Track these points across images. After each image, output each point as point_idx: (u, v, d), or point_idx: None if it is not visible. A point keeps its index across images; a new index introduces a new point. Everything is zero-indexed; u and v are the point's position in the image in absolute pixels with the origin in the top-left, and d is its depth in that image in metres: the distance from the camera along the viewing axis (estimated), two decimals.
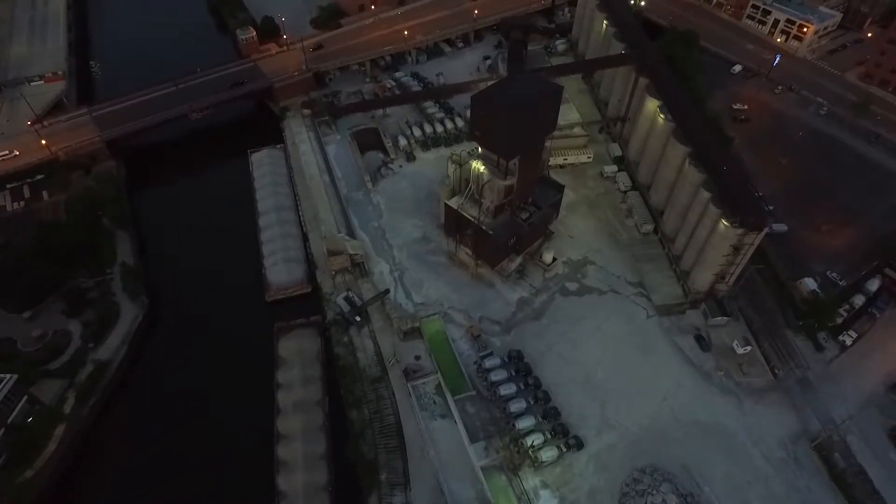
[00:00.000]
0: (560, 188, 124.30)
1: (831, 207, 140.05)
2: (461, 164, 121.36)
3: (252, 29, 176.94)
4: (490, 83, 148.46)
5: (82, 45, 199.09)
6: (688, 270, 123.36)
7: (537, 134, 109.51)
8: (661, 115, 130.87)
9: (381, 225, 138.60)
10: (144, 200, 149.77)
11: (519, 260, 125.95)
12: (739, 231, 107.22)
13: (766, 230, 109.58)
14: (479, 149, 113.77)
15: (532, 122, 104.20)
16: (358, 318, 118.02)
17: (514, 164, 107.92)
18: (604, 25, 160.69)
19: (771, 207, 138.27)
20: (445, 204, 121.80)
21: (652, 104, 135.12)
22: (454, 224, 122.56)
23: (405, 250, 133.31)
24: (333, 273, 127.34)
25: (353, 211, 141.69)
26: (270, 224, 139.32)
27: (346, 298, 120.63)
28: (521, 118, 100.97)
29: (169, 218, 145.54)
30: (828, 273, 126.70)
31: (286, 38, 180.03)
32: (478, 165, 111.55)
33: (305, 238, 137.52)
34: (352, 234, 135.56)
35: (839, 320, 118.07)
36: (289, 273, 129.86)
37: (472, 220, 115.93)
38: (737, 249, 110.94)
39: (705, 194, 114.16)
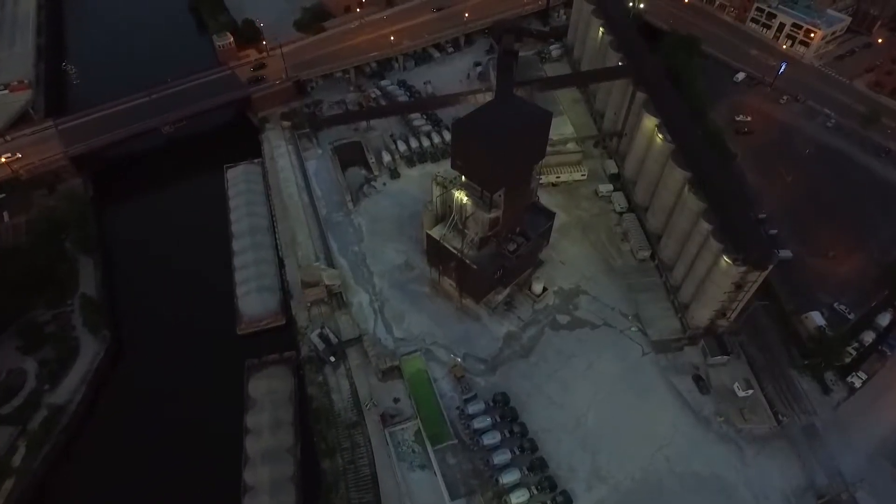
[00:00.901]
0: (550, 215, 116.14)
1: (839, 229, 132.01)
2: (446, 186, 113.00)
3: (229, 35, 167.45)
4: (479, 95, 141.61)
5: (54, 50, 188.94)
6: (686, 303, 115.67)
7: (524, 163, 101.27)
8: (660, 135, 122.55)
9: (362, 250, 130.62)
10: (113, 220, 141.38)
11: (506, 291, 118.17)
12: (742, 269, 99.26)
13: (770, 268, 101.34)
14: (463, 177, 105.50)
15: (518, 152, 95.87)
16: (332, 359, 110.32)
17: (500, 195, 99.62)
18: (600, 33, 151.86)
19: (774, 231, 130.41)
20: (427, 234, 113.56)
21: (650, 122, 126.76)
22: (436, 254, 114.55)
23: (386, 278, 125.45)
24: (309, 304, 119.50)
25: (332, 234, 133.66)
26: (244, 249, 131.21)
27: (321, 335, 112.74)
28: (507, 148, 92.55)
29: (138, 240, 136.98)
30: (835, 305, 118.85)
31: (266, 44, 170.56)
32: (461, 195, 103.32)
33: (281, 263, 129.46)
34: (330, 259, 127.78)
35: (848, 359, 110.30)
36: (262, 303, 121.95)
37: (455, 252, 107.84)
38: (739, 287, 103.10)
39: (706, 226, 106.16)
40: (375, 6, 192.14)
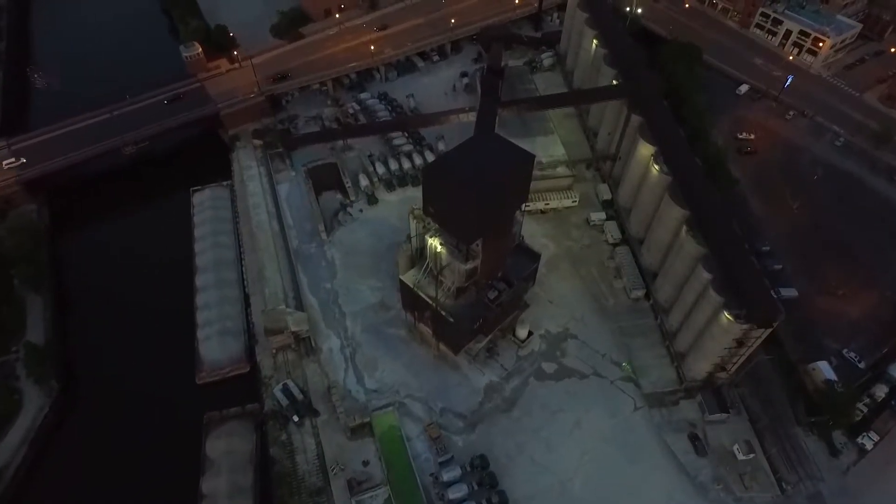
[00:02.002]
0: (536, 257, 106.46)
1: (848, 263, 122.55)
2: (425, 221, 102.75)
3: (197, 45, 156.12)
4: (463, 115, 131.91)
5: (17, 57, 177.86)
6: (683, 353, 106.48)
7: (504, 211, 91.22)
8: (656, 166, 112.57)
9: (334, 287, 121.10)
10: (69, 252, 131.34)
11: (488, 338, 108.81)
12: (745, 326, 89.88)
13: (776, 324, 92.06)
14: None
15: (497, 199, 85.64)
16: (296, 418, 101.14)
17: (478, 244, 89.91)
18: (593, 45, 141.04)
19: (779, 266, 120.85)
20: (400, 279, 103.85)
21: (645, 149, 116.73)
22: (411, 301, 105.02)
23: (360, 320, 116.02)
24: (274, 351, 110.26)
25: (303, 268, 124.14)
26: (208, 285, 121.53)
27: (284, 390, 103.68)
28: (484, 196, 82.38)
29: (96, 274, 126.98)
30: (845, 352, 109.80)
31: (237, 55, 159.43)
32: (435, 243, 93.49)
33: (247, 301, 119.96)
34: (299, 298, 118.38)
35: (858, 418, 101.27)
36: (225, 348, 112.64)
37: (430, 302, 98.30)
38: (741, 343, 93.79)
39: (705, 274, 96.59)
40: (358, 8, 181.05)
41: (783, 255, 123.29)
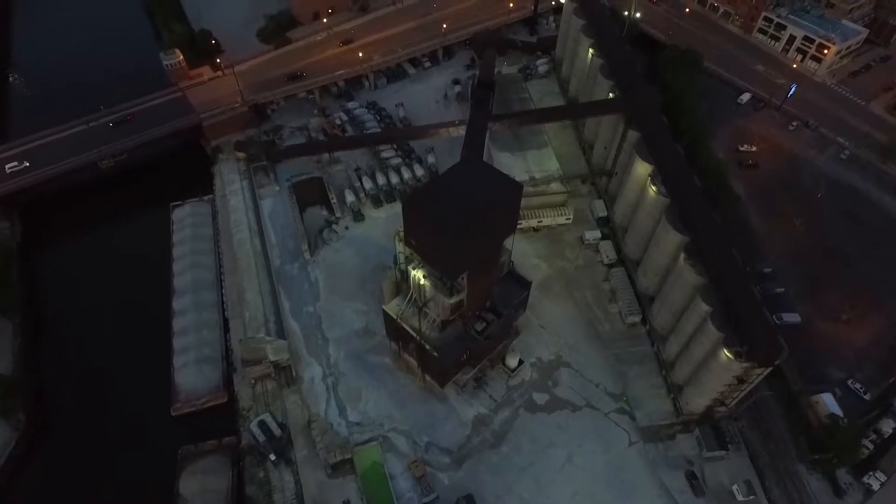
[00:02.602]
0: (526, 285, 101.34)
1: (853, 286, 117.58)
2: None
3: (177, 52, 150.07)
4: (453, 129, 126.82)
5: None
6: (680, 385, 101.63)
7: (490, 243, 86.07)
8: (653, 186, 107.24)
9: (317, 310, 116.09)
10: (44, 269, 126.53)
11: (476, 368, 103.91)
12: (745, 364, 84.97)
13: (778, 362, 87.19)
14: None
15: (483, 232, 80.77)
16: (273, 457, 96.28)
17: (463, 278, 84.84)
18: (590, 54, 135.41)
19: (781, 290, 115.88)
20: (384, 310, 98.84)
21: (642, 168, 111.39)
22: (395, 331, 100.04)
23: (343, 347, 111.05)
24: (253, 381, 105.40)
25: (285, 290, 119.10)
26: (185, 309, 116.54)
27: (262, 425, 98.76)
28: (468, 230, 77.50)
29: (71, 294, 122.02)
30: (849, 383, 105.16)
31: (220, 62, 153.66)
32: (419, 275, 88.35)
33: (226, 326, 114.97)
34: (280, 323, 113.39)
35: (864, 455, 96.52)
36: (202, 377, 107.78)
37: (414, 334, 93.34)
38: (741, 380, 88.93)
39: (704, 307, 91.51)
40: (348, 12, 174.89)
41: (785, 277, 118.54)
